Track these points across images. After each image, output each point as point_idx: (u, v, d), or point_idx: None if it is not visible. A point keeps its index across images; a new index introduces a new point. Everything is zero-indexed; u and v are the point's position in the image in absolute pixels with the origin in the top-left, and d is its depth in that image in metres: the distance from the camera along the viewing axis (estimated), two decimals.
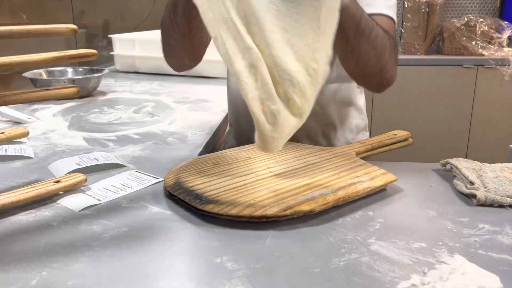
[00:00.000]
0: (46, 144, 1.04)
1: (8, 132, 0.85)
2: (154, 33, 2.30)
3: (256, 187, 0.72)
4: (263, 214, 0.64)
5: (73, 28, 0.63)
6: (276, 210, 0.65)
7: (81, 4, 2.15)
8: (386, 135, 0.98)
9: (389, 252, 0.59)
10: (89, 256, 0.58)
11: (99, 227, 0.65)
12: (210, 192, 0.70)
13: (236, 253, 0.59)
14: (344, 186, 0.73)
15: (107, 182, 0.80)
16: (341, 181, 0.75)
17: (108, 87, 1.72)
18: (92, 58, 0.66)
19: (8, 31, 0.61)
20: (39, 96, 0.69)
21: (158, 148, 1.02)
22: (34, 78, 1.54)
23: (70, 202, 0.72)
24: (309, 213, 0.66)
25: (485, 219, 0.69)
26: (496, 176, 0.78)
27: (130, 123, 1.22)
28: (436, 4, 2.84)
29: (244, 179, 0.75)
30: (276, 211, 0.65)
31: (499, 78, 2.75)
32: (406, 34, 2.89)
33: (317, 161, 0.84)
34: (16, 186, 0.79)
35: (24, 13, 1.70)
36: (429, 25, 2.85)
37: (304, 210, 0.66)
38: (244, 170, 0.79)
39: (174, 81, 1.82)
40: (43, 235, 0.63)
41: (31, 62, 0.63)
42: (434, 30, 2.93)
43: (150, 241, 0.61)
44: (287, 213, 0.65)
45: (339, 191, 0.71)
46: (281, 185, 0.73)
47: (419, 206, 0.73)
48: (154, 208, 0.71)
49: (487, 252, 0.60)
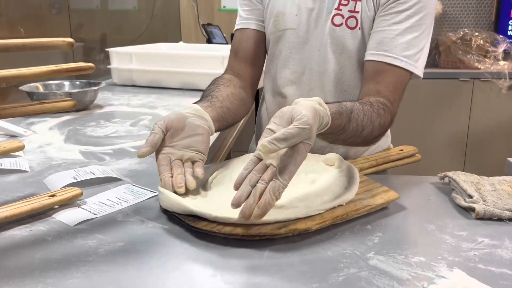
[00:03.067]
0: (42, 157, 1.03)
1: (4, 146, 0.85)
2: (152, 46, 2.32)
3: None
4: (257, 232, 0.63)
5: (69, 41, 0.63)
6: (270, 228, 0.63)
7: (79, 18, 2.16)
8: (392, 150, 0.96)
9: (388, 267, 0.58)
10: (84, 271, 0.57)
11: (94, 241, 0.64)
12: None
13: (233, 268, 0.58)
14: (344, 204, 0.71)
15: (103, 196, 0.79)
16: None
17: (105, 101, 1.71)
18: (89, 71, 0.66)
19: (4, 44, 0.61)
20: (35, 109, 0.69)
21: (154, 161, 1.01)
22: (30, 92, 1.53)
23: (65, 216, 0.72)
24: (305, 231, 0.65)
25: (484, 232, 0.68)
26: (494, 189, 0.78)
27: (126, 137, 1.21)
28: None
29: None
30: (271, 229, 0.63)
31: (496, 91, 2.77)
32: None
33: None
34: (11, 200, 0.78)
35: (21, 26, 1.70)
36: None
37: (300, 228, 0.64)
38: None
39: (171, 94, 1.82)
40: (37, 250, 0.62)
41: (27, 75, 0.63)
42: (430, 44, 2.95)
43: (146, 256, 0.61)
44: (281, 231, 0.64)
45: (337, 209, 0.70)
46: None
47: (418, 220, 0.73)
48: (150, 223, 0.70)
49: (487, 266, 0.59)
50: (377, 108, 0.86)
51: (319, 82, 1.01)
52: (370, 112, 0.85)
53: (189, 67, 1.91)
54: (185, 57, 1.98)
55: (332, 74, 1.00)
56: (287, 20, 1.01)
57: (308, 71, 1.02)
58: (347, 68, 0.99)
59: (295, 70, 1.03)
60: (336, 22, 0.96)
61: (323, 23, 0.98)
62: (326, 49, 0.98)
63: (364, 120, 0.83)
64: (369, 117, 0.84)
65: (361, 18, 0.95)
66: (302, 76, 1.02)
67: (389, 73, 0.91)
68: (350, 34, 0.96)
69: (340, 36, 0.96)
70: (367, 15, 0.94)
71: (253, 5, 1.07)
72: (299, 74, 1.02)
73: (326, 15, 0.97)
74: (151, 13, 2.96)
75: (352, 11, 0.95)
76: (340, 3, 0.96)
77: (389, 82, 0.91)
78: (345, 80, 1.00)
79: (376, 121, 0.85)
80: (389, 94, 0.90)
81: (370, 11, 0.94)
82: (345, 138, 0.81)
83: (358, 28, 0.95)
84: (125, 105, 1.65)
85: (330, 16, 0.97)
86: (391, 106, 0.89)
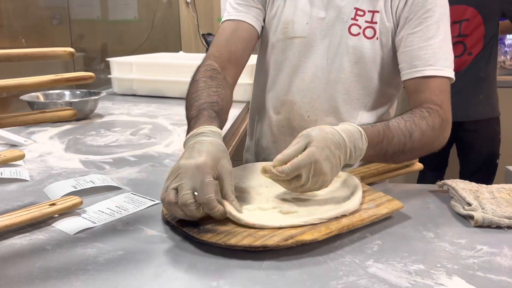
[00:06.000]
0: (42, 166, 1.03)
1: (4, 155, 0.85)
2: (152, 56, 2.33)
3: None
4: (263, 244, 0.62)
5: (70, 51, 0.64)
6: (277, 240, 0.63)
7: (80, 28, 2.17)
8: None
9: (387, 275, 0.58)
10: (83, 280, 0.57)
11: (94, 250, 0.65)
12: (208, 220, 0.68)
13: (233, 276, 0.58)
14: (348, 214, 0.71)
15: (103, 205, 0.80)
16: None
17: (106, 110, 1.72)
18: (89, 81, 0.67)
19: (6, 54, 0.62)
20: (36, 118, 0.69)
21: (154, 170, 1.01)
22: (31, 101, 1.54)
23: (65, 225, 0.72)
24: (311, 242, 0.64)
25: (483, 240, 0.68)
26: (493, 197, 0.78)
27: (126, 146, 1.22)
28: None
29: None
30: (277, 241, 0.63)
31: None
32: None
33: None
34: (11, 209, 0.78)
35: (23, 37, 1.72)
36: None
37: (306, 239, 0.64)
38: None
39: (171, 104, 1.83)
40: (37, 259, 0.62)
41: (28, 84, 0.63)
42: None
43: (146, 265, 0.61)
44: (288, 243, 0.63)
45: (342, 219, 0.69)
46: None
47: (417, 228, 0.73)
48: (150, 231, 0.71)
49: (486, 274, 0.59)
50: (419, 112, 0.88)
51: (329, 90, 1.01)
52: (410, 117, 0.86)
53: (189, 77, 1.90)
54: (185, 66, 1.99)
55: (346, 82, 1.00)
56: (297, 28, 1.01)
57: (317, 79, 1.02)
58: (362, 77, 0.99)
59: (303, 78, 1.03)
60: (353, 32, 0.97)
61: (338, 33, 0.98)
62: (341, 57, 0.99)
63: (407, 125, 0.84)
64: (411, 121, 0.85)
65: (379, 29, 0.96)
66: (310, 83, 1.02)
67: (432, 80, 0.91)
68: (368, 43, 0.97)
69: (357, 45, 0.97)
70: (385, 26, 0.96)
71: (253, 3, 1.04)
72: (308, 82, 1.03)
73: (341, 24, 0.98)
74: (152, 23, 2.98)
75: (370, 22, 0.96)
76: (356, 14, 0.97)
77: (434, 87, 0.91)
78: (359, 88, 1.01)
79: (421, 123, 0.86)
80: (435, 98, 0.90)
81: (389, 22, 0.95)
82: (394, 150, 0.83)
83: (376, 38, 0.96)
84: (125, 114, 1.66)
85: (346, 26, 0.97)
86: (438, 108, 0.89)
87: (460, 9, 2.05)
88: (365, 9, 0.97)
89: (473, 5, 2.04)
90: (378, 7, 0.96)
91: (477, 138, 2.14)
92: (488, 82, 2.10)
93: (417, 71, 0.92)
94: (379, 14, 0.96)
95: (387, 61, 0.99)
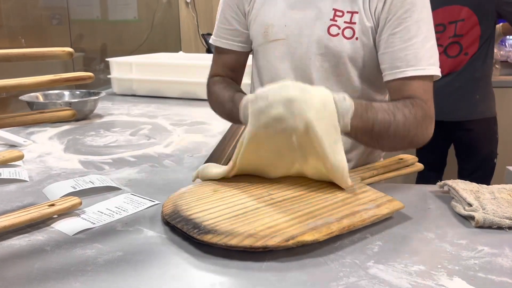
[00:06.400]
0: (42, 167, 1.03)
1: (3, 155, 0.85)
2: (152, 56, 2.33)
3: (256, 216, 0.70)
4: (264, 244, 0.62)
5: (69, 51, 0.63)
6: (278, 241, 0.62)
7: (79, 29, 2.17)
8: (392, 160, 0.96)
9: (388, 276, 0.58)
10: (82, 281, 0.57)
11: (93, 251, 0.64)
12: (209, 221, 0.67)
13: (232, 277, 0.58)
14: (349, 214, 0.70)
15: (102, 206, 0.79)
16: (345, 209, 0.72)
17: (105, 110, 1.72)
18: (88, 81, 0.66)
19: (5, 54, 0.62)
20: (35, 118, 0.69)
21: (154, 170, 1.01)
22: (30, 101, 1.54)
23: (64, 226, 0.71)
24: (312, 243, 0.64)
25: (484, 241, 0.68)
26: (494, 198, 0.78)
27: (126, 146, 1.22)
28: None
29: (244, 207, 0.72)
30: (278, 241, 0.62)
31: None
32: None
33: (320, 187, 0.81)
34: (10, 210, 0.78)
35: (22, 37, 1.71)
36: None
37: (307, 240, 0.63)
38: (245, 197, 0.77)
39: (171, 104, 1.83)
40: (36, 259, 0.62)
41: (27, 85, 0.63)
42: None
43: (145, 266, 0.60)
44: (289, 243, 0.63)
45: (343, 220, 0.69)
46: (283, 213, 0.71)
47: (418, 229, 0.72)
48: (150, 232, 0.70)
49: (487, 275, 0.59)
50: (402, 101, 0.88)
51: None
52: (393, 103, 0.86)
53: (189, 77, 1.91)
54: (185, 66, 1.99)
55: (327, 83, 1.00)
56: (277, 31, 1.01)
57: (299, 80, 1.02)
58: (342, 77, 1.00)
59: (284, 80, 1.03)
60: (333, 33, 0.97)
61: (317, 33, 0.98)
62: (321, 58, 0.99)
63: (390, 107, 0.85)
64: (393, 105, 0.86)
65: (358, 29, 0.96)
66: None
67: (415, 81, 0.91)
68: (348, 43, 0.97)
69: (337, 45, 0.97)
70: (365, 26, 0.95)
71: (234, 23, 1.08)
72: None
73: (320, 25, 0.98)
74: (151, 24, 2.98)
75: (349, 22, 0.96)
76: (335, 15, 0.97)
77: (417, 87, 0.91)
78: (340, 88, 1.00)
79: (404, 109, 0.85)
80: (419, 95, 0.90)
81: (369, 22, 0.95)
82: (380, 128, 0.82)
83: (355, 38, 0.96)
84: (125, 114, 1.66)
85: (325, 27, 0.97)
86: (423, 103, 0.89)
87: (456, 9, 2.05)
88: (344, 9, 0.96)
89: (469, 5, 2.04)
90: (357, 8, 0.95)
91: (475, 137, 2.15)
92: (484, 82, 2.11)
93: (399, 72, 0.91)
94: (358, 15, 0.95)
95: (369, 61, 0.98)
